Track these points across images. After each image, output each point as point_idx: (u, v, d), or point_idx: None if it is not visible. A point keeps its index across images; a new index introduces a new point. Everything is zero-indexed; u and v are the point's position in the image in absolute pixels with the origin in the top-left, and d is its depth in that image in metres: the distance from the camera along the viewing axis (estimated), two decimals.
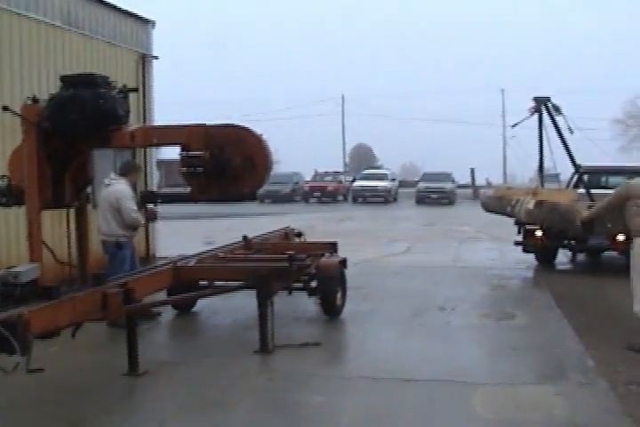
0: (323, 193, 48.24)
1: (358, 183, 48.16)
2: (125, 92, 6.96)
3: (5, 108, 6.61)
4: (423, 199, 44.19)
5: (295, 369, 7.74)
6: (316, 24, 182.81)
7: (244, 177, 6.96)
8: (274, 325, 8.52)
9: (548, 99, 14.38)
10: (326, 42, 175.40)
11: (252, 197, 7.32)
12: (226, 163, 6.83)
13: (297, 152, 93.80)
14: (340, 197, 49.57)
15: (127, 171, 9.76)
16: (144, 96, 15.56)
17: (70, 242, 7.24)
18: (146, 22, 15.86)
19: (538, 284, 13.13)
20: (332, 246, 11.51)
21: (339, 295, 10.21)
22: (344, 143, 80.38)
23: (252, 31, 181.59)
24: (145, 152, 15.47)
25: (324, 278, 10.03)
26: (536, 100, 14.50)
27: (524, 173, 60.29)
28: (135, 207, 9.63)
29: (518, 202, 14.74)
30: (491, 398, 6.75)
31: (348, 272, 12.70)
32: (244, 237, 11.37)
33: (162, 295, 9.67)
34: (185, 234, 22.63)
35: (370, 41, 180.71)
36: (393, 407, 6.51)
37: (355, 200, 47.39)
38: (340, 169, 65.52)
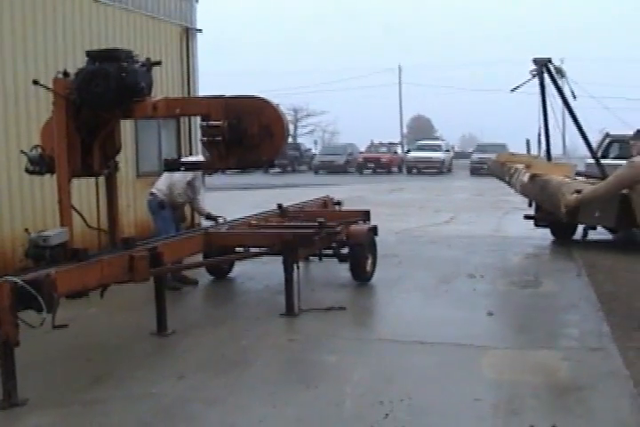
0: (376, 164, 48.39)
1: (412, 154, 48.28)
2: (148, 65, 7.27)
3: (36, 82, 6.99)
4: (477, 170, 44.03)
5: (316, 331, 8.05)
6: None
7: (262, 146, 7.25)
8: (301, 289, 8.84)
9: (548, 60, 13.45)
10: (383, 11, 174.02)
11: (269, 164, 7.63)
12: (244, 132, 7.14)
13: (356, 123, 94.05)
14: (395, 169, 49.67)
15: None
16: (188, 68, 15.93)
17: (99, 208, 7.61)
18: None
19: (571, 254, 13.15)
20: (365, 214, 11.75)
21: (369, 262, 10.51)
22: (401, 114, 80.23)
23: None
24: (190, 127, 15.84)
25: (354, 245, 10.33)
26: (535, 61, 13.54)
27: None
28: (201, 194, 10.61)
29: (516, 172, 14.36)
30: (499, 361, 6.97)
31: (387, 241, 13.05)
32: (279, 206, 11.68)
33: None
34: (234, 203, 23.09)
35: (426, 11, 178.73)
36: (403, 367, 6.78)
37: (409, 171, 47.52)
38: (397, 140, 65.47)
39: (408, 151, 51.05)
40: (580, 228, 14.45)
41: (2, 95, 10.75)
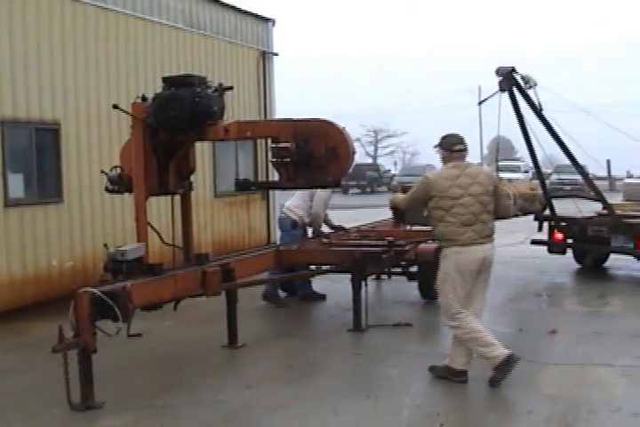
0: None
1: None
2: (221, 90, 7.68)
3: (115, 107, 7.47)
4: (556, 191, 43.46)
5: (382, 346, 8.31)
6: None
7: (328, 167, 7.62)
8: (370, 306, 9.14)
9: (512, 69, 12.05)
10: (461, 32, 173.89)
11: (335, 184, 7.97)
12: (311, 154, 7.51)
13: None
14: None
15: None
16: (264, 91, 16.41)
17: (174, 226, 8.01)
18: (266, 21, 16.65)
19: None
20: None
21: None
22: (481, 135, 79.48)
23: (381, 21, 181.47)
24: (266, 149, 16.22)
25: (422, 263, 10.55)
26: (498, 72, 12.12)
27: None
28: (321, 207, 10.86)
29: None
30: (557, 376, 7.09)
31: None
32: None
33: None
34: None
35: (505, 30, 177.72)
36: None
37: None
38: (477, 161, 65.14)
39: None
40: None
41: (85, 119, 11.31)
